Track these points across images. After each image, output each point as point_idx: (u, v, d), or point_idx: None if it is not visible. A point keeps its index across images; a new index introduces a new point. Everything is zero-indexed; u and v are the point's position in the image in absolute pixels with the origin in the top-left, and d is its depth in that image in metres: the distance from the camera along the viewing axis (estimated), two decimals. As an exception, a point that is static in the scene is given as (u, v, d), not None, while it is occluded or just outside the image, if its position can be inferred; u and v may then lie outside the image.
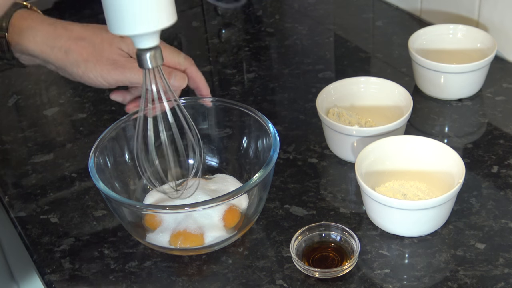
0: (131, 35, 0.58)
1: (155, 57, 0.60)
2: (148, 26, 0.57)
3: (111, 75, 0.72)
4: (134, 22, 0.56)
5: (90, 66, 0.72)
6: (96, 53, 0.72)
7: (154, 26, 0.57)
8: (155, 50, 0.60)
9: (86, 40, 0.72)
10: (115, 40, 0.73)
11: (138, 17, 0.56)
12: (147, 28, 0.57)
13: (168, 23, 0.58)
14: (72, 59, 0.72)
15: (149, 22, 0.57)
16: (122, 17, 0.56)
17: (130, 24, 0.56)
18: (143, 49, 0.60)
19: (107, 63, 0.72)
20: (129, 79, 0.72)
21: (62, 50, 0.72)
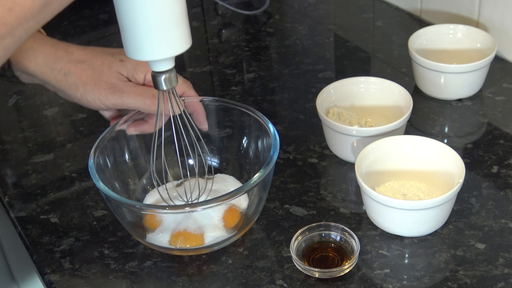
0: (147, 60, 0.59)
1: (170, 80, 0.62)
2: (164, 53, 0.58)
3: (109, 99, 0.72)
4: (151, 48, 0.57)
5: (88, 90, 0.72)
6: (95, 76, 0.72)
7: (170, 53, 0.58)
8: (170, 73, 0.61)
9: (86, 63, 0.72)
10: (114, 64, 0.73)
11: (155, 44, 0.57)
12: (163, 54, 0.58)
13: (183, 49, 0.59)
14: (71, 82, 0.72)
15: (165, 48, 0.58)
16: (139, 44, 0.57)
17: (147, 50, 0.57)
18: (159, 72, 0.61)
19: (106, 87, 0.72)
20: (126, 103, 0.72)
21: (62, 72, 0.72)
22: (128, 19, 0.55)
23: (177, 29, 0.57)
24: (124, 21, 0.56)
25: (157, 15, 0.55)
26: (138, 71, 0.73)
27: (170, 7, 0.56)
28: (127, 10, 0.55)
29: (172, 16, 0.56)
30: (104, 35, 1.23)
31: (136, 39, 0.57)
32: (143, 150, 0.81)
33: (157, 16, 0.55)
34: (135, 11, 0.55)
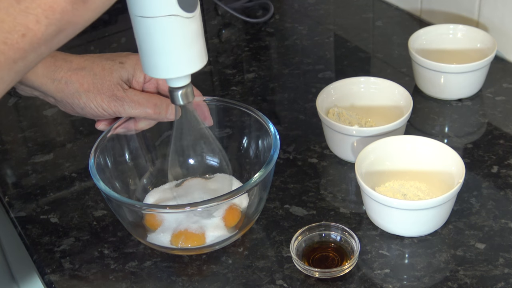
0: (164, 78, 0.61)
1: (186, 95, 0.63)
2: (181, 71, 0.60)
3: (110, 107, 0.72)
4: (167, 67, 0.59)
5: (91, 97, 0.72)
6: (97, 83, 0.72)
7: (186, 71, 0.60)
8: (186, 88, 0.63)
9: (86, 69, 0.72)
10: (115, 68, 0.73)
11: (171, 63, 0.59)
12: (180, 72, 0.60)
13: (199, 67, 0.61)
14: (73, 90, 0.72)
15: (183, 67, 0.60)
16: (156, 63, 0.59)
17: (164, 69, 0.59)
18: (175, 88, 0.63)
19: (108, 94, 0.72)
20: (127, 112, 0.73)
21: (62, 82, 0.72)
22: (145, 39, 0.57)
23: (193, 48, 0.59)
24: (142, 41, 0.58)
25: (173, 36, 0.57)
26: (138, 71, 0.73)
27: (186, 29, 0.57)
28: (144, 31, 0.57)
29: (187, 37, 0.58)
30: (104, 35, 1.23)
31: (153, 58, 0.58)
32: (143, 150, 0.81)
33: (173, 38, 0.57)
34: (152, 32, 0.56)
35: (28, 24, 0.44)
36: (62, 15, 0.45)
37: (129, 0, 0.56)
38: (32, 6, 0.44)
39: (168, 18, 0.55)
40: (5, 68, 0.44)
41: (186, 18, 0.56)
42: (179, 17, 0.56)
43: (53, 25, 0.45)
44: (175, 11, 0.55)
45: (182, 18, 0.56)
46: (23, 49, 0.45)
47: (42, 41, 0.45)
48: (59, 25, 0.46)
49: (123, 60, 0.74)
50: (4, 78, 0.44)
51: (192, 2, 0.57)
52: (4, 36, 0.43)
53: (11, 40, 0.44)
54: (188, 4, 0.56)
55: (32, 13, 0.44)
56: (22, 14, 0.44)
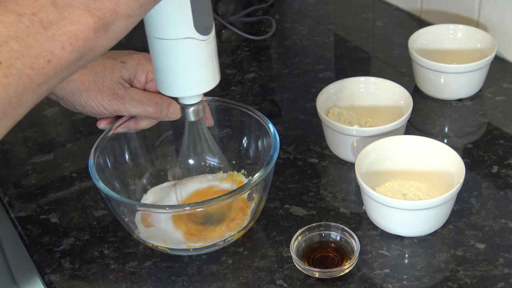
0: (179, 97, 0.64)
1: (197, 112, 0.65)
2: (194, 90, 0.62)
3: (111, 106, 0.72)
4: (182, 86, 0.61)
5: (92, 95, 0.72)
6: (98, 82, 0.72)
7: (200, 90, 0.62)
8: (198, 105, 0.65)
9: (87, 68, 0.73)
10: (116, 67, 0.73)
11: (186, 83, 0.61)
12: (193, 92, 0.62)
13: (212, 86, 0.63)
14: (74, 88, 0.72)
15: (196, 86, 0.62)
16: (172, 82, 0.61)
17: (179, 88, 0.62)
18: (188, 104, 0.65)
19: (108, 93, 0.72)
20: (128, 110, 0.73)
21: None
22: (161, 59, 0.60)
23: (206, 69, 0.61)
24: (158, 61, 0.60)
25: (189, 57, 0.59)
26: (139, 71, 0.73)
27: (201, 51, 0.60)
28: (161, 52, 0.59)
29: (202, 58, 0.60)
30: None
31: (168, 77, 0.61)
32: (143, 150, 0.81)
33: (188, 59, 0.59)
34: (168, 53, 0.59)
35: (54, 51, 0.46)
36: (85, 43, 0.48)
37: (147, 23, 0.58)
38: (58, 33, 0.46)
39: (185, 40, 0.58)
40: (30, 92, 0.46)
41: (202, 41, 0.59)
42: (195, 40, 0.58)
43: (76, 52, 0.47)
44: (192, 34, 0.58)
45: (198, 40, 0.58)
46: (48, 74, 0.46)
47: (65, 66, 0.47)
48: (82, 51, 0.48)
49: (125, 59, 0.74)
50: (28, 101, 0.46)
51: (207, 25, 0.59)
52: (32, 61, 0.45)
53: (37, 65, 0.45)
54: (204, 28, 0.58)
55: (58, 40, 0.46)
56: (48, 41, 0.46)
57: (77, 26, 0.47)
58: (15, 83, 0.44)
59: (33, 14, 0.45)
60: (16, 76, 0.44)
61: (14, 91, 0.44)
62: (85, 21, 0.47)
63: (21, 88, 0.45)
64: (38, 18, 0.45)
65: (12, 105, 0.45)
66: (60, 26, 0.46)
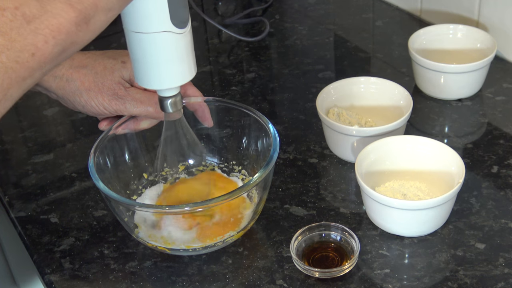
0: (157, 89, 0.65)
1: (175, 103, 0.66)
2: (172, 83, 0.63)
3: (111, 105, 0.73)
4: (160, 79, 0.62)
5: (92, 95, 0.72)
6: (98, 82, 0.72)
7: (177, 83, 0.63)
8: (175, 97, 0.66)
9: (87, 67, 0.73)
10: (116, 67, 0.73)
11: (164, 75, 0.62)
12: (171, 84, 0.63)
13: (188, 79, 0.64)
14: (74, 88, 0.72)
15: (173, 79, 0.63)
16: (149, 75, 0.62)
17: (155, 80, 0.62)
18: (166, 97, 0.66)
19: (109, 93, 0.72)
20: (128, 110, 0.73)
21: (63, 79, 0.72)
22: (139, 53, 0.60)
23: (183, 62, 0.62)
24: (135, 54, 0.61)
25: (165, 51, 0.60)
26: None
27: (177, 44, 0.60)
28: (138, 45, 0.60)
29: (178, 51, 0.61)
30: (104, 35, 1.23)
31: (146, 70, 0.62)
32: (143, 150, 0.81)
33: (165, 52, 0.60)
34: (145, 47, 0.59)
35: (37, 44, 0.46)
36: (67, 36, 0.48)
37: (124, 16, 0.58)
38: (41, 27, 0.46)
39: (161, 34, 0.59)
40: (15, 85, 0.47)
41: (178, 34, 0.59)
42: (172, 33, 0.59)
43: (59, 45, 0.48)
44: (168, 28, 0.58)
45: (174, 34, 0.59)
46: (32, 68, 0.47)
47: (48, 60, 0.48)
48: (64, 45, 0.48)
49: (125, 59, 0.74)
50: (13, 95, 0.47)
51: (183, 19, 0.60)
52: (16, 55, 0.45)
53: (22, 59, 0.46)
54: (180, 21, 0.59)
55: (41, 34, 0.46)
56: (32, 34, 0.46)
57: (59, 20, 0.47)
58: (0, 77, 0.45)
59: (16, 8, 0.45)
60: (2, 70, 0.45)
61: (0, 85, 0.45)
62: (67, 15, 0.47)
63: (7, 82, 0.45)
64: (21, 12, 0.46)
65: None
66: (42, 19, 0.46)
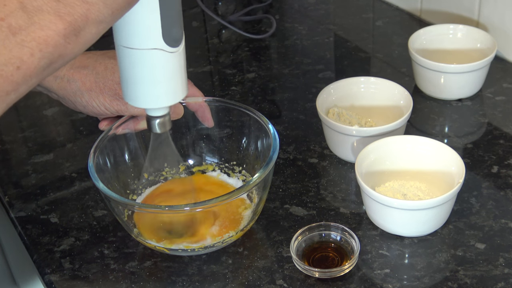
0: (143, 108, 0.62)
1: (163, 124, 0.63)
2: (160, 103, 0.60)
3: (113, 106, 0.72)
4: (148, 98, 0.60)
5: (93, 96, 0.72)
6: (99, 82, 0.72)
7: (166, 103, 0.60)
8: (164, 118, 0.63)
9: (88, 68, 0.72)
10: (117, 68, 0.73)
11: (152, 94, 0.59)
12: (159, 104, 0.60)
13: (178, 99, 0.61)
14: (75, 88, 0.72)
15: (162, 98, 0.60)
16: (137, 92, 0.59)
17: (145, 99, 0.60)
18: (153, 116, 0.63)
19: (110, 93, 0.72)
20: (130, 110, 0.73)
21: (64, 80, 0.72)
22: (128, 69, 0.58)
23: (173, 82, 0.59)
24: (124, 70, 0.58)
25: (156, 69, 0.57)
26: None
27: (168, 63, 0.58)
28: (128, 61, 0.57)
29: (169, 71, 0.58)
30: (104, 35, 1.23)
31: (134, 87, 0.59)
32: (143, 150, 0.81)
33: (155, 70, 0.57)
34: (135, 63, 0.57)
35: (23, 57, 0.44)
36: (55, 49, 0.46)
37: (116, 30, 0.56)
38: (27, 39, 0.44)
39: (152, 51, 0.56)
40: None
41: (170, 53, 0.57)
42: (163, 51, 0.57)
43: (46, 58, 0.46)
44: (160, 46, 0.56)
45: (166, 52, 0.57)
46: (16, 82, 0.45)
47: (34, 73, 0.46)
48: (51, 58, 0.46)
49: None
50: None
51: (177, 37, 0.57)
52: (0, 68, 0.43)
53: (6, 73, 0.44)
54: (173, 40, 0.57)
55: (27, 46, 0.44)
56: (17, 47, 0.44)
57: (46, 32, 0.45)
58: None
59: (1, 19, 0.43)
60: None
61: None
62: (55, 27, 0.45)
63: None
64: (7, 24, 0.43)
65: None
66: (29, 31, 0.44)
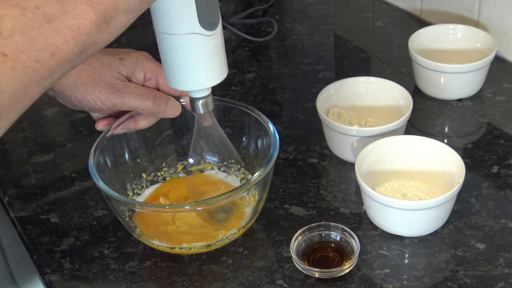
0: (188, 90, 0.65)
1: (206, 104, 0.66)
2: (202, 84, 0.63)
3: (109, 99, 0.72)
4: (190, 80, 0.62)
5: (89, 90, 0.72)
6: (96, 76, 0.72)
7: (208, 84, 0.63)
8: (206, 98, 0.66)
9: (85, 63, 0.72)
10: (114, 63, 0.73)
11: (194, 77, 0.62)
12: (201, 85, 0.63)
13: (219, 80, 0.64)
14: (71, 82, 0.72)
15: (203, 80, 0.63)
16: (180, 76, 0.62)
17: (187, 82, 0.63)
18: (196, 98, 0.66)
19: (106, 87, 0.72)
20: (127, 104, 0.73)
21: None
22: (169, 54, 0.60)
23: (213, 63, 0.62)
24: (166, 56, 0.61)
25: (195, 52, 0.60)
26: (138, 69, 0.73)
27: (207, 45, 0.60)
28: (168, 46, 0.60)
29: (208, 53, 0.61)
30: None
31: (176, 72, 0.62)
32: (143, 150, 0.81)
33: (195, 53, 0.60)
34: (175, 48, 0.60)
35: (57, 44, 0.47)
36: (87, 36, 0.48)
37: (155, 18, 0.59)
38: (61, 27, 0.47)
39: (190, 36, 0.59)
40: (35, 84, 0.46)
41: (207, 36, 0.59)
42: (200, 35, 0.59)
43: (79, 45, 0.48)
44: (197, 30, 0.58)
45: (203, 36, 0.59)
46: (52, 67, 0.47)
47: (68, 60, 0.48)
48: (84, 45, 0.48)
49: (123, 56, 0.74)
50: (33, 93, 0.47)
51: (213, 20, 0.59)
52: (37, 54, 0.45)
53: (42, 59, 0.46)
54: (209, 24, 0.59)
55: (61, 33, 0.47)
56: (52, 34, 0.46)
57: (79, 20, 0.47)
58: (20, 76, 0.45)
59: (37, 8, 0.46)
60: (22, 69, 0.45)
61: (20, 84, 0.45)
62: (87, 15, 0.48)
63: (27, 81, 0.45)
64: (42, 12, 0.46)
65: (18, 97, 0.45)
66: (63, 19, 0.47)
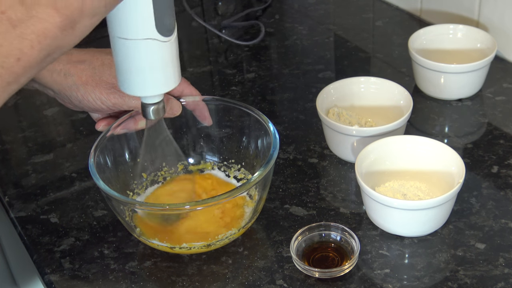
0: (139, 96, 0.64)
1: (157, 111, 0.66)
2: (155, 90, 0.63)
3: (110, 99, 0.72)
4: (143, 86, 0.62)
5: (89, 90, 0.72)
6: (96, 76, 0.72)
7: (160, 90, 0.63)
8: (158, 105, 0.65)
9: (85, 63, 0.73)
10: (114, 63, 0.73)
11: (147, 82, 0.61)
12: (154, 91, 0.63)
13: (172, 87, 0.63)
14: (71, 83, 0.72)
15: (156, 86, 0.62)
16: (133, 81, 0.61)
17: (140, 87, 0.62)
18: (148, 104, 0.65)
19: (106, 86, 0.72)
20: (127, 103, 0.73)
21: (61, 74, 0.72)
22: (123, 59, 0.60)
23: (167, 70, 0.61)
24: (119, 60, 0.60)
25: (150, 58, 0.59)
26: None
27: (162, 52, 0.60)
28: (123, 51, 0.59)
29: (163, 59, 0.60)
30: (103, 35, 1.23)
31: (130, 77, 0.61)
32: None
33: (149, 59, 0.59)
34: (130, 53, 0.59)
35: (23, 49, 0.46)
36: (53, 41, 0.48)
37: (110, 22, 0.58)
38: (27, 32, 0.46)
39: (146, 41, 0.58)
40: (1, 90, 0.46)
41: (163, 42, 0.59)
42: (156, 41, 0.58)
43: (44, 50, 0.47)
44: (153, 35, 0.58)
45: (159, 41, 0.59)
46: (17, 73, 0.46)
47: (34, 64, 0.47)
48: (49, 49, 0.48)
49: None
50: None
51: (169, 27, 0.59)
52: (2, 60, 0.45)
53: (7, 64, 0.45)
54: (165, 29, 0.58)
55: (27, 39, 0.46)
56: (17, 39, 0.46)
57: (45, 25, 0.47)
58: None
59: (2, 13, 0.45)
60: None
61: None
62: (52, 20, 0.47)
63: None
64: (7, 17, 0.45)
65: None
66: (28, 24, 0.46)
